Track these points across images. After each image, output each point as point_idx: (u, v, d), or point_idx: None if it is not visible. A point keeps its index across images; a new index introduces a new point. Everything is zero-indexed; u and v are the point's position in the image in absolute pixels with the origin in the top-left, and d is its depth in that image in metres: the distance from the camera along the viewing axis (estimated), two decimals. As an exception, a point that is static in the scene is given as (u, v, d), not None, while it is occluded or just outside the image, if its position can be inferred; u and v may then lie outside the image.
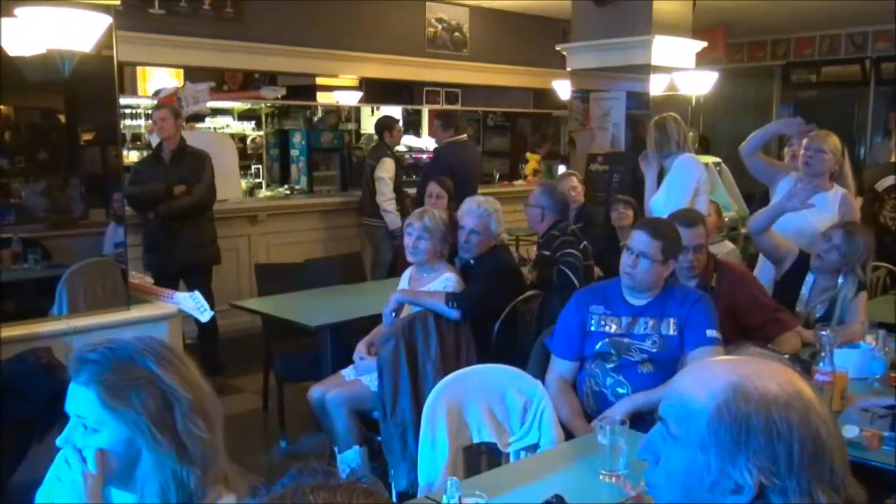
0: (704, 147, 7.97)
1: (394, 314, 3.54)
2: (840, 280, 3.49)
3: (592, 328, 2.89)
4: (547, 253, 4.15)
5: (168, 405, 1.37)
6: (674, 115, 4.56)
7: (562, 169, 8.03)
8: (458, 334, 3.50)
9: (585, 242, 4.23)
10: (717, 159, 7.12)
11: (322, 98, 9.36)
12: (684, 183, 4.36)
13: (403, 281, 3.82)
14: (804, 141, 4.08)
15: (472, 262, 3.79)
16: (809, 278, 3.59)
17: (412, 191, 6.51)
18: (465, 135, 6.53)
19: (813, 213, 3.72)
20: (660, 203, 4.37)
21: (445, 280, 3.62)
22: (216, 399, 1.43)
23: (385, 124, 6.64)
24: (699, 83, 6.66)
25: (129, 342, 1.41)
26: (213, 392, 1.44)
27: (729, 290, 3.33)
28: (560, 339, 2.97)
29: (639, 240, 2.80)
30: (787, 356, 2.59)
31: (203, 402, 1.40)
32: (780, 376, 1.16)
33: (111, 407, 1.36)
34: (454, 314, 3.44)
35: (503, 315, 3.66)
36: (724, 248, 4.98)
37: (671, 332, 2.81)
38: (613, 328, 2.86)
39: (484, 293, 3.56)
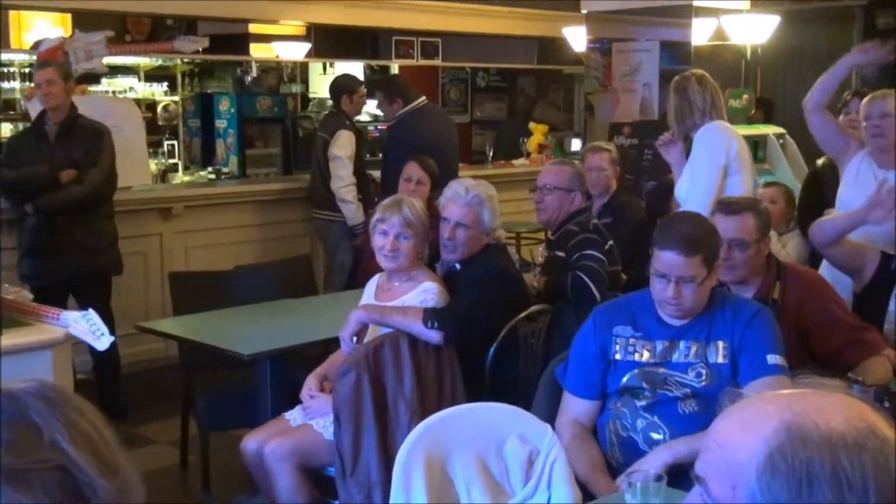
0: (765, 113, 8.03)
1: (354, 339, 3.56)
2: None
3: (618, 356, 2.91)
4: (560, 254, 4.18)
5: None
6: (700, 74, 4.56)
7: (576, 144, 8.04)
8: (441, 363, 3.51)
9: (612, 242, 4.26)
10: (780, 130, 7.17)
11: (257, 51, 9.37)
12: (707, 160, 4.37)
13: (368, 293, 3.84)
14: (862, 104, 4.10)
15: (457, 266, 3.83)
16: None
17: (378, 174, 6.54)
18: (422, 98, 6.55)
19: None
20: (684, 189, 4.40)
21: (424, 291, 3.64)
22: (140, 483, 1.30)
23: (342, 86, 6.67)
24: (755, 30, 6.71)
25: (18, 393, 1.25)
26: (137, 471, 1.32)
27: (797, 302, 3.36)
28: (575, 371, 2.99)
29: (670, 263, 2.81)
30: (872, 388, 2.64)
31: (126, 493, 1.29)
32: (847, 410, 1.17)
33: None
34: (434, 337, 3.47)
35: (500, 338, 3.68)
36: (791, 239, 5.02)
37: (721, 360, 2.84)
38: (645, 355, 2.88)
39: (474, 308, 3.58)
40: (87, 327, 3.39)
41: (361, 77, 8.60)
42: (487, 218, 3.78)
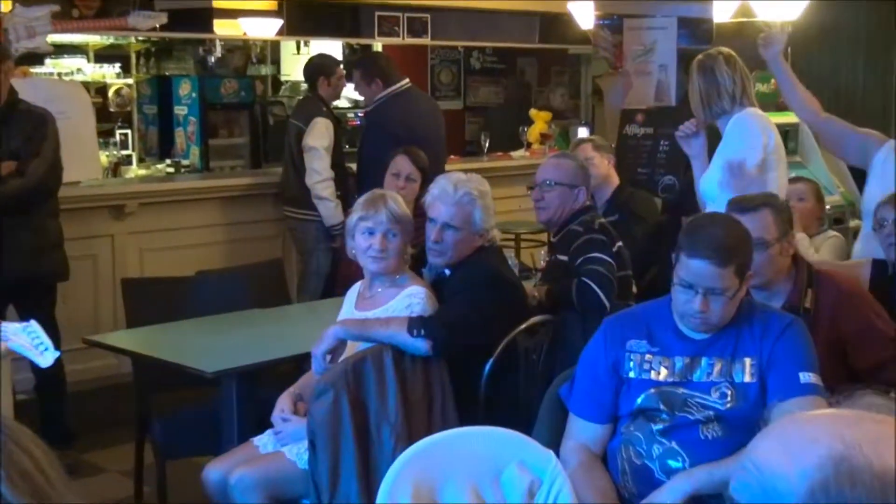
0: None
1: (328, 357, 3.58)
2: None
3: (631, 374, 2.93)
4: (563, 258, 4.19)
5: None
6: (727, 52, 4.52)
7: (582, 133, 8.03)
8: (430, 381, 3.51)
9: (621, 244, 4.27)
10: (813, 119, 7.17)
11: (222, 28, 9.30)
12: (744, 154, 4.30)
13: (348, 304, 3.85)
14: None
15: (446, 272, 3.84)
16: None
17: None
18: (405, 81, 6.58)
19: None
20: (710, 185, 4.33)
21: (410, 296, 3.65)
22: None
23: (318, 68, 6.68)
24: (785, 6, 6.70)
25: None
26: None
27: (832, 312, 3.37)
28: (583, 390, 3.00)
29: (700, 273, 2.81)
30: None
31: None
32: None
33: None
34: (422, 346, 3.48)
35: (497, 352, 3.69)
36: (826, 240, 5.04)
37: (747, 378, 2.85)
38: (663, 373, 2.90)
39: (465, 314, 3.60)
40: (29, 341, 3.36)
41: (340, 57, 8.62)
42: (479, 218, 3.80)
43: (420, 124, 6.35)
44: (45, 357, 3.37)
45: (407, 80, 6.60)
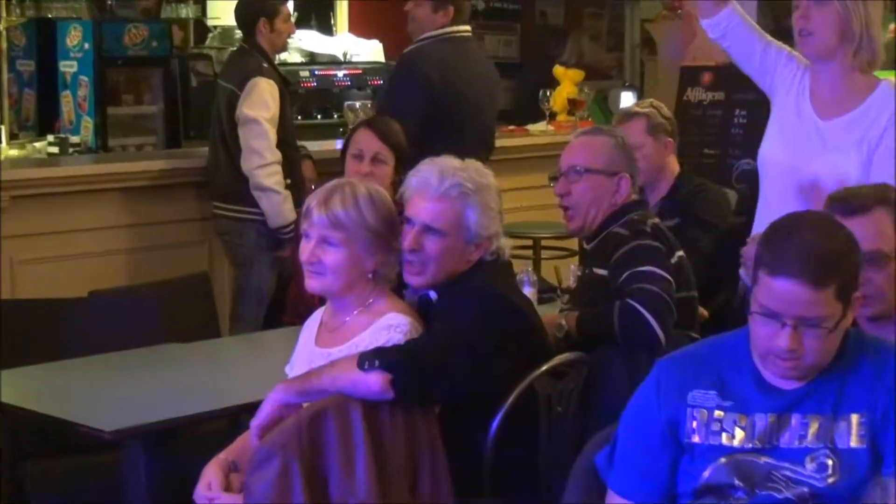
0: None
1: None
2: None
3: (695, 437, 2.92)
4: (601, 272, 4.22)
5: None
6: None
7: (626, 99, 8.04)
8: (415, 442, 3.50)
9: (682, 254, 4.31)
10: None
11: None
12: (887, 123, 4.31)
13: (306, 337, 3.88)
14: None
15: (431, 295, 3.88)
16: None
17: (320, 146, 6.67)
18: (467, 27, 6.74)
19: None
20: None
21: (389, 328, 3.67)
22: None
23: (257, 8, 6.69)
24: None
25: None
26: None
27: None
28: (628, 458, 2.99)
29: (787, 297, 2.78)
30: None
31: None
32: None
33: None
34: (374, 384, 3.42)
35: (507, 403, 3.67)
36: None
37: (855, 442, 2.82)
38: (739, 437, 2.88)
39: (444, 349, 3.58)
40: None
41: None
42: (474, 220, 3.79)
43: (467, 85, 6.50)
44: None
45: (468, 27, 6.73)
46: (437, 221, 3.76)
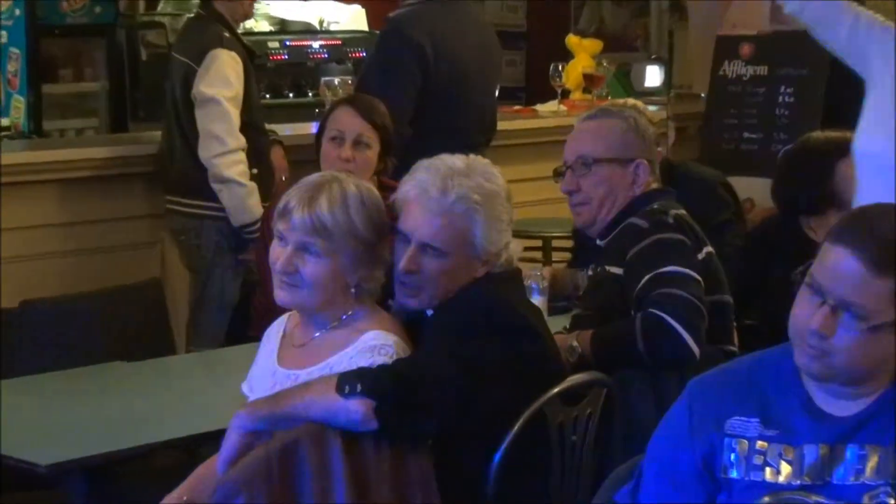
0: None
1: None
2: None
3: (733, 472, 2.85)
4: (616, 270, 4.15)
5: None
6: None
7: (652, 75, 8.22)
8: (402, 477, 3.40)
9: (711, 249, 4.26)
10: None
11: None
12: None
13: (266, 354, 3.81)
14: None
15: (427, 313, 3.75)
16: None
17: (292, 129, 6.66)
18: None
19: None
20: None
21: (373, 349, 3.55)
22: None
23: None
24: None
25: None
26: None
27: None
28: (654, 498, 2.93)
29: (838, 271, 2.73)
30: None
31: None
32: None
33: None
34: (354, 413, 3.30)
35: (513, 432, 3.55)
36: None
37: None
38: (785, 472, 2.81)
39: (436, 372, 3.45)
40: None
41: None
42: (482, 235, 3.65)
43: (463, 55, 6.47)
44: None
45: None
46: (438, 239, 3.63)
